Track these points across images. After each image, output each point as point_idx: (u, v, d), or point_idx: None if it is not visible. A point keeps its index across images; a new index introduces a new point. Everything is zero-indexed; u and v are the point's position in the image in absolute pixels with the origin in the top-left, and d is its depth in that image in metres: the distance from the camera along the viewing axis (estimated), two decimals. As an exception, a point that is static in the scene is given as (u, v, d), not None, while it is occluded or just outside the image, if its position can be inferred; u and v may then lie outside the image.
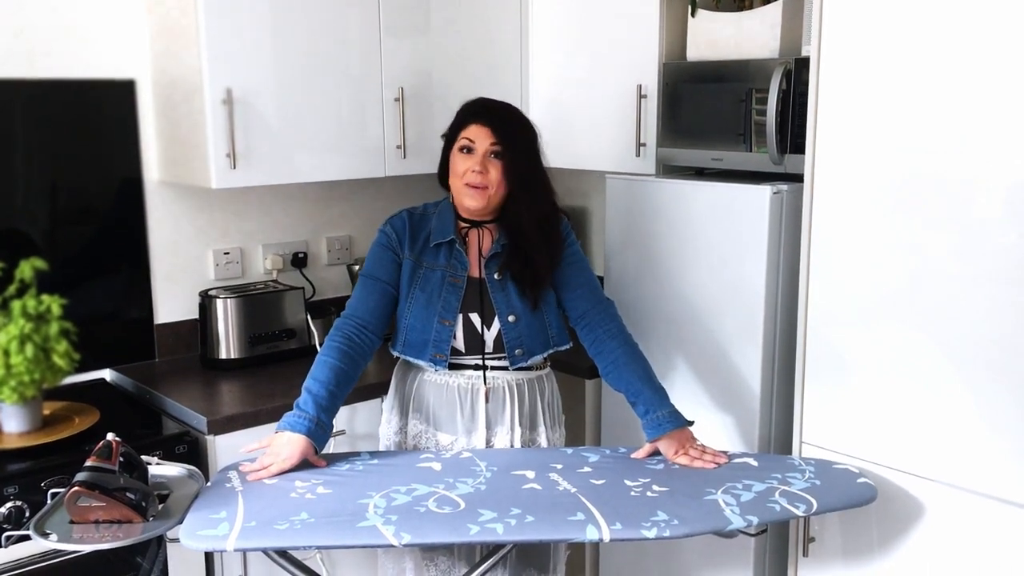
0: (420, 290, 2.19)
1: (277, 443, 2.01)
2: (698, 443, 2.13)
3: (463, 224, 2.22)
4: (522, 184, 2.15)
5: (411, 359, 2.24)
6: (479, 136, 2.12)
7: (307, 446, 2.00)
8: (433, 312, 2.18)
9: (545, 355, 2.26)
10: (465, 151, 2.14)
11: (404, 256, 2.21)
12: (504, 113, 2.19)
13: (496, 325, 2.19)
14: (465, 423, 2.23)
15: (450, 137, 2.20)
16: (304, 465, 2.01)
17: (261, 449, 2.03)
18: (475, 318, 2.19)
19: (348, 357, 2.12)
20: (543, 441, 2.28)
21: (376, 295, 2.20)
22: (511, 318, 2.18)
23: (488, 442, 2.23)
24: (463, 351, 2.20)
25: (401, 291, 2.21)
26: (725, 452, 2.13)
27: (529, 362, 2.22)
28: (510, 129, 2.15)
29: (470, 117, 2.16)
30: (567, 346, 2.28)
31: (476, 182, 2.12)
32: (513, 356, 2.20)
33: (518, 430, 2.24)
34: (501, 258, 2.20)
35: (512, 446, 2.23)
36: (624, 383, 2.19)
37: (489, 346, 2.20)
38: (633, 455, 2.14)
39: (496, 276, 2.19)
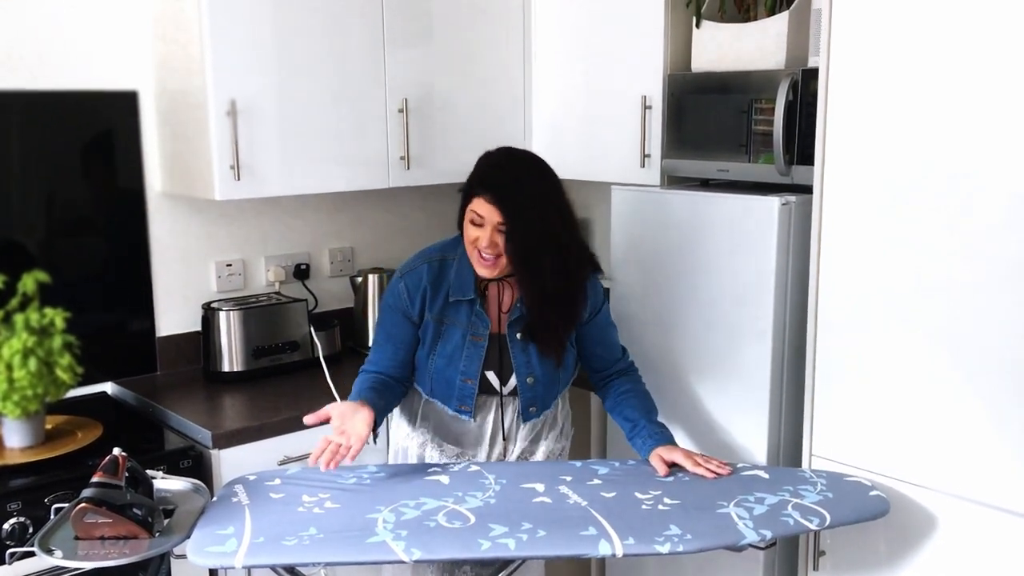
0: (442, 346, 2.16)
1: (342, 410, 2.00)
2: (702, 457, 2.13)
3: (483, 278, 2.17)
4: (526, 263, 2.06)
5: (438, 403, 2.22)
6: (487, 213, 2.03)
7: (368, 410, 2.01)
8: (455, 372, 2.16)
9: (553, 405, 2.28)
10: (475, 223, 2.07)
11: (425, 316, 2.16)
12: (515, 185, 2.05)
13: (512, 383, 2.19)
14: (471, 440, 2.24)
15: (465, 195, 2.11)
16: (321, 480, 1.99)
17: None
18: (492, 376, 2.18)
19: (380, 382, 2.16)
20: (540, 453, 2.27)
21: (392, 349, 2.19)
22: (529, 380, 2.18)
23: (490, 455, 2.24)
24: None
25: (424, 344, 2.18)
26: (731, 464, 2.12)
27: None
28: (519, 206, 2.03)
29: (480, 189, 2.04)
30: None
31: (487, 256, 2.07)
32: (527, 412, 2.21)
33: (521, 444, 2.25)
34: (525, 320, 2.16)
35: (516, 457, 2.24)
36: (628, 411, 2.22)
37: (504, 394, 2.21)
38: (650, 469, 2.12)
39: (518, 336, 2.17)
